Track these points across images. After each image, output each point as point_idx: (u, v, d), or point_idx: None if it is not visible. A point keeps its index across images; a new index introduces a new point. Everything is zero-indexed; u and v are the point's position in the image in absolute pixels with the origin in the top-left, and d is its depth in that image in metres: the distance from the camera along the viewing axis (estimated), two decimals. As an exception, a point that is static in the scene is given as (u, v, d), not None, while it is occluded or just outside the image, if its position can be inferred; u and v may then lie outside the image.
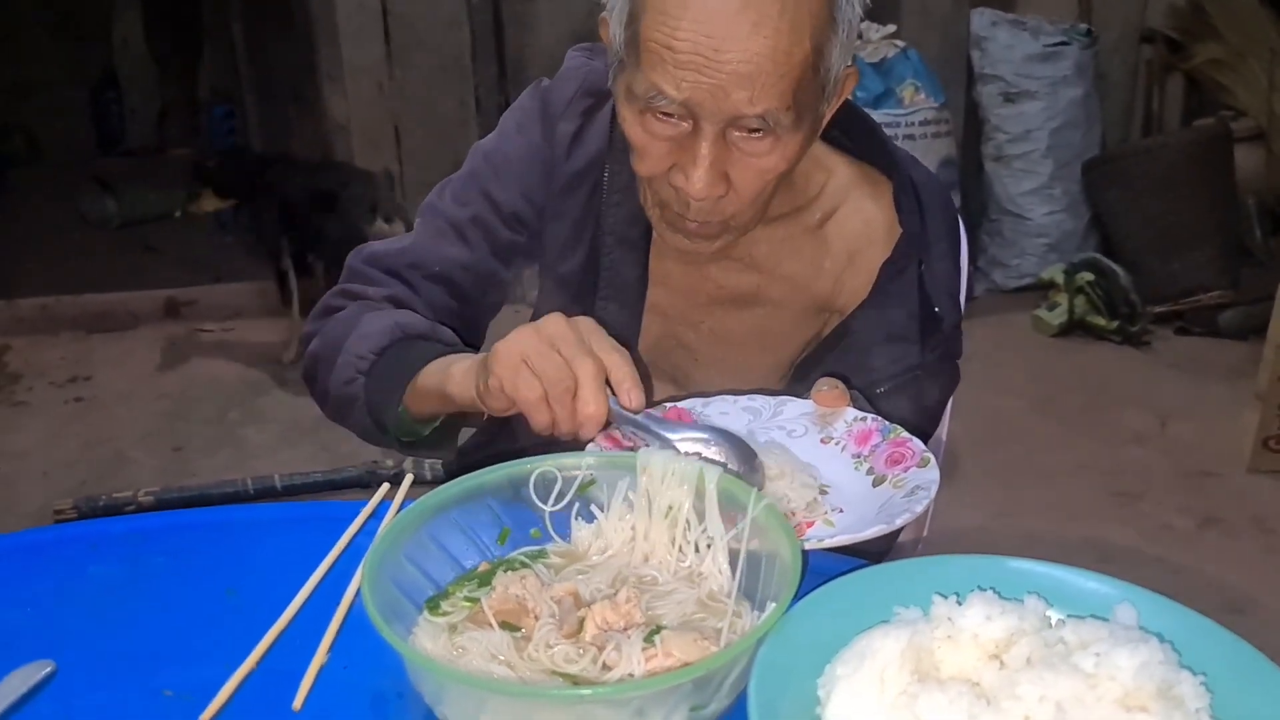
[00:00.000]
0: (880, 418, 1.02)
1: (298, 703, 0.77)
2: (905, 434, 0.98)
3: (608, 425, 0.88)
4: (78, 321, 4.06)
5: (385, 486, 1.02)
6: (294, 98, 4.24)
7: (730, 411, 1.06)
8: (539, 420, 0.88)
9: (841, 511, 0.92)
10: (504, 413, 0.94)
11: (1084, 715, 0.60)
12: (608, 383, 0.88)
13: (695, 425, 0.92)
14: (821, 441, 1.01)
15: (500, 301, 1.25)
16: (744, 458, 0.87)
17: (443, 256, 1.18)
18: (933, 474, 0.92)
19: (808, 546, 0.83)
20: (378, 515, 0.98)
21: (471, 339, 1.21)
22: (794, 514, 0.91)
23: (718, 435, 0.89)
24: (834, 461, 0.99)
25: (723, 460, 0.86)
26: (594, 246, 1.18)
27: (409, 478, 1.03)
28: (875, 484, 0.95)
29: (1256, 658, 0.64)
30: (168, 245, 4.96)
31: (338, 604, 0.85)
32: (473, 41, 3.94)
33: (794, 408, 1.05)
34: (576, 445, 0.99)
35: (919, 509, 0.86)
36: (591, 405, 0.85)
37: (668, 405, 1.06)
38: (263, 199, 3.85)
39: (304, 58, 3.99)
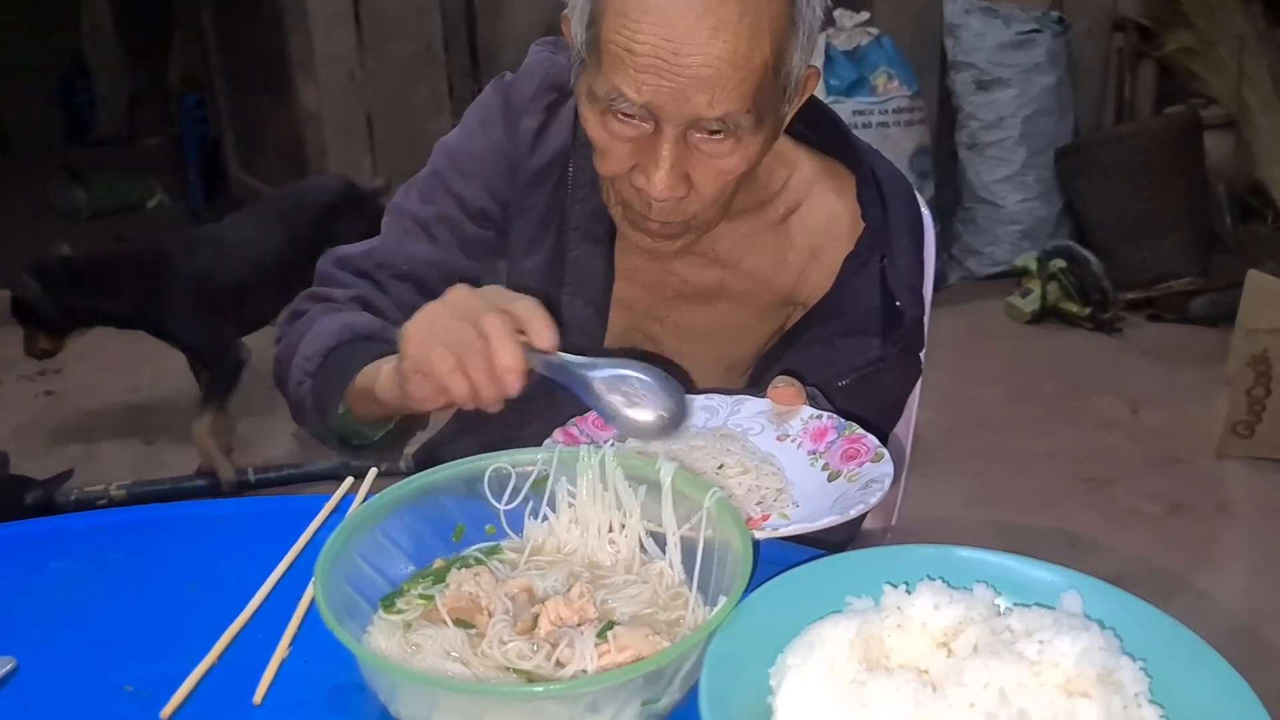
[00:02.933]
0: (836, 415, 1.03)
1: (258, 697, 0.77)
2: (860, 431, 1.00)
3: (531, 375, 0.84)
4: (48, 313, 4.01)
5: (349, 481, 1.02)
6: (265, 86, 4.21)
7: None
8: (458, 390, 0.84)
9: (798, 505, 0.93)
10: (428, 401, 0.90)
11: (1027, 701, 0.61)
12: (522, 334, 0.84)
13: (615, 362, 0.86)
14: (778, 439, 1.03)
15: None
16: (669, 389, 0.84)
17: (410, 255, 1.18)
18: (886, 468, 0.93)
19: (761, 536, 0.84)
20: (341, 510, 0.98)
21: None
22: (760, 502, 0.92)
23: (638, 367, 0.85)
24: (790, 458, 1.00)
25: (647, 390, 0.84)
26: (559, 242, 1.18)
27: (373, 471, 1.03)
28: (830, 479, 0.96)
29: (1196, 643, 0.66)
30: (139, 236, 4.92)
31: (299, 599, 0.86)
32: (445, 30, 3.92)
33: (751, 406, 1.06)
34: (538, 441, 0.99)
35: (873, 501, 0.88)
36: (504, 355, 0.81)
37: None
38: (167, 293, 2.78)
39: (275, 46, 3.96)
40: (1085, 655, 0.62)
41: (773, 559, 0.82)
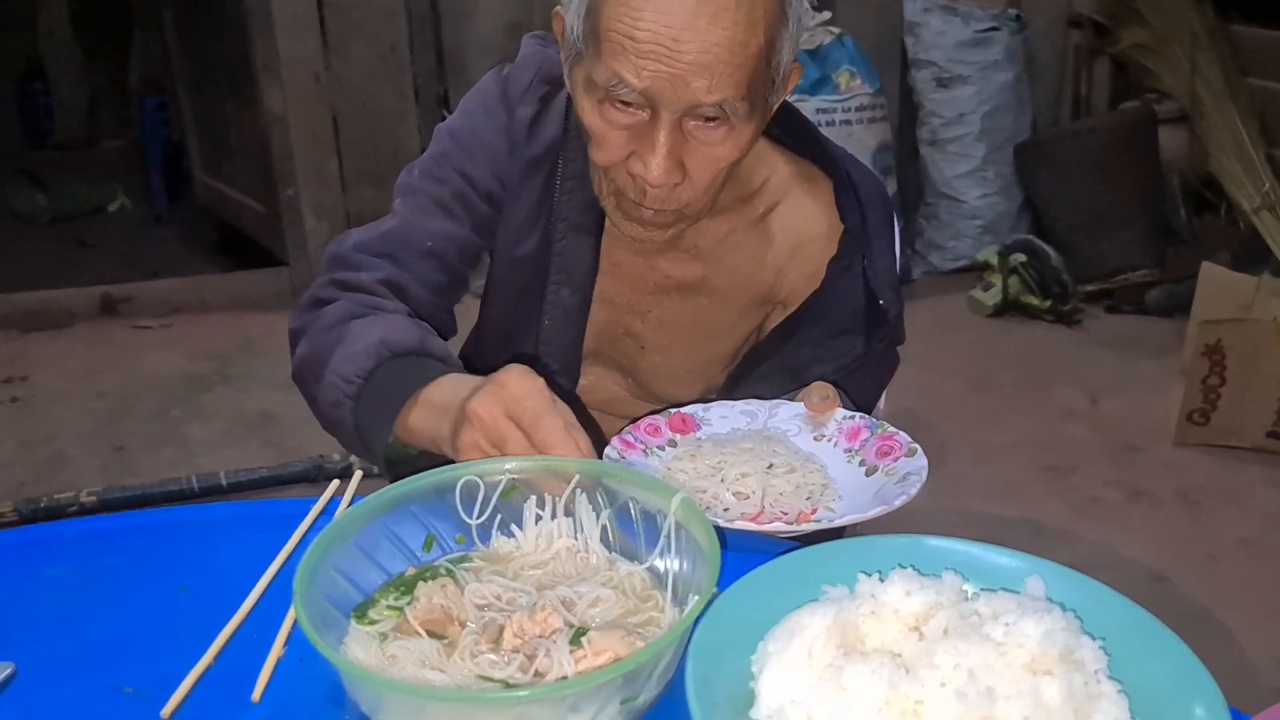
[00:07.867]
0: (867, 415, 1.10)
1: (257, 694, 0.79)
2: (892, 429, 1.06)
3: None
4: (10, 320, 3.97)
5: (336, 482, 1.04)
6: (229, 89, 4.19)
7: (729, 415, 1.13)
8: None
9: (841, 499, 1.00)
10: None
11: (994, 680, 0.64)
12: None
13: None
14: (815, 439, 1.09)
15: (468, 280, 1.24)
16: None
17: (432, 231, 1.17)
18: (921, 461, 1.00)
19: (812, 528, 0.92)
20: (328, 512, 1.00)
21: (451, 319, 1.22)
22: (809, 498, 0.99)
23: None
24: (828, 456, 1.06)
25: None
26: (548, 231, 1.21)
27: (358, 474, 1.05)
28: (868, 474, 1.03)
29: (1151, 621, 0.70)
30: (101, 240, 4.88)
31: (291, 599, 0.88)
32: (410, 31, 3.92)
33: (787, 410, 1.13)
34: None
35: (913, 492, 0.95)
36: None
37: (672, 411, 1.12)
38: None
39: (239, 48, 3.93)
40: (1048, 636, 0.66)
41: (749, 551, 0.85)
